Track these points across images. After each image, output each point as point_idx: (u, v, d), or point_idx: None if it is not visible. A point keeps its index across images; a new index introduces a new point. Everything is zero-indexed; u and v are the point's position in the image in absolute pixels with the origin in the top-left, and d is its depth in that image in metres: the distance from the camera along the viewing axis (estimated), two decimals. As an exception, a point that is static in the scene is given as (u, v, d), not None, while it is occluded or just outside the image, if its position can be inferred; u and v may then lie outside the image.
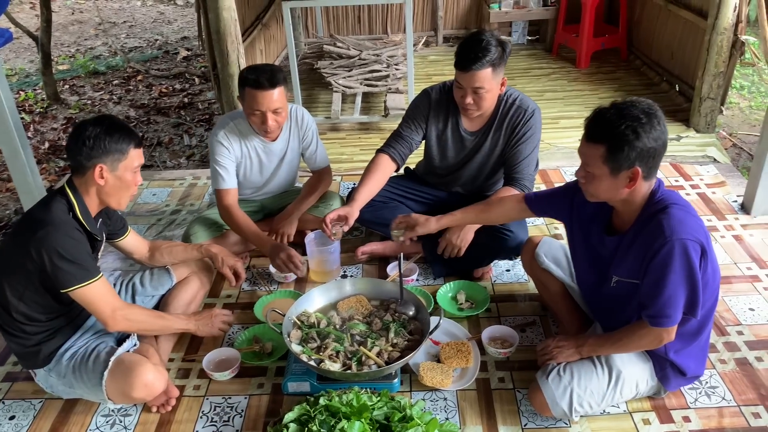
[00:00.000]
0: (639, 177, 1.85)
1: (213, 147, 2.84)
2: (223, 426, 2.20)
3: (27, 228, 2.04)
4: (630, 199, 1.94)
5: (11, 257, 2.07)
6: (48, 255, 1.98)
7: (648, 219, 1.91)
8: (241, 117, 2.86)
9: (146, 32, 8.68)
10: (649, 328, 1.92)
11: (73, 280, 2.02)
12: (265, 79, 2.62)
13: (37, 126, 5.64)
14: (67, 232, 2.03)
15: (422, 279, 2.90)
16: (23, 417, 2.28)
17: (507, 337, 2.46)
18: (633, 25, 5.77)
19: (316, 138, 3.03)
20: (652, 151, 1.82)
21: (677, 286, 1.83)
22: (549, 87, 5.31)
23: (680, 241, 1.81)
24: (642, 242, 1.91)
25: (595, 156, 1.87)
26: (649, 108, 1.83)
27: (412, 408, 2.01)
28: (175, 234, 3.32)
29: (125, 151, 2.11)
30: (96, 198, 2.17)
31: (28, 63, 7.62)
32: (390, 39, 6.12)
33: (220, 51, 3.73)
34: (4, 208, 4.21)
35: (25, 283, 2.06)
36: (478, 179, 2.93)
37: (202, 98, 6.09)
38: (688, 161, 3.88)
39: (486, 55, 2.48)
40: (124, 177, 2.14)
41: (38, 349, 2.16)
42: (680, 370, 2.07)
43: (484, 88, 2.54)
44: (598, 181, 1.91)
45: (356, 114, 4.75)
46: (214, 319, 2.44)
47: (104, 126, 2.09)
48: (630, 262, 1.97)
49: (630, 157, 1.82)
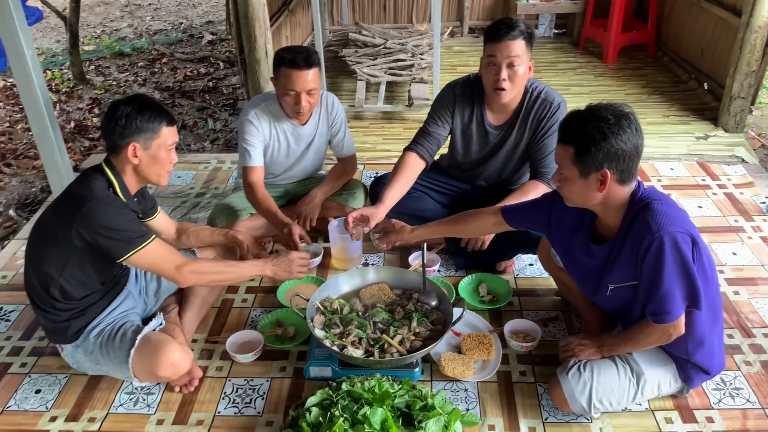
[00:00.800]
0: (609, 179, 1.84)
1: (242, 125, 2.85)
2: (245, 407, 2.22)
3: (70, 206, 2.06)
4: (608, 204, 1.93)
5: (54, 234, 2.09)
6: (96, 230, 2.01)
7: (633, 220, 1.90)
8: (272, 99, 2.86)
9: (171, 15, 8.71)
10: (654, 326, 1.91)
11: (126, 247, 2.06)
12: (302, 58, 2.63)
13: (63, 106, 5.69)
14: (110, 204, 2.05)
15: (444, 270, 2.90)
16: (48, 391, 2.31)
17: (529, 331, 2.45)
18: (662, 21, 5.69)
19: (345, 125, 3.04)
20: (621, 153, 1.80)
21: (673, 280, 1.82)
22: (575, 81, 5.26)
23: (669, 235, 1.79)
24: (631, 244, 1.90)
25: (566, 157, 1.88)
26: (620, 111, 1.83)
27: (434, 397, 2.02)
28: (200, 216, 3.34)
29: (157, 130, 2.13)
30: (133, 176, 2.20)
31: (55, 43, 7.69)
32: (415, 28, 6.10)
33: (247, 35, 3.74)
34: (30, 186, 4.26)
35: (67, 259, 2.08)
36: (503, 173, 2.91)
37: (226, 83, 6.11)
38: (716, 161, 3.83)
39: (518, 26, 2.47)
40: (157, 155, 2.16)
41: (67, 325, 2.19)
42: (704, 370, 2.06)
43: (519, 57, 2.49)
44: (571, 183, 1.92)
45: (380, 103, 4.74)
46: (291, 264, 2.43)
47: (136, 105, 2.11)
48: (623, 267, 1.96)
49: (597, 159, 1.82)
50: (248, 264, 2.39)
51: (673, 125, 4.39)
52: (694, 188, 3.52)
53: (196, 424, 2.16)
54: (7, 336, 2.59)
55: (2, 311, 2.73)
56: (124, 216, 2.08)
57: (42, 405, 2.26)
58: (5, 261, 3.09)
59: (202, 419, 2.18)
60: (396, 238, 2.61)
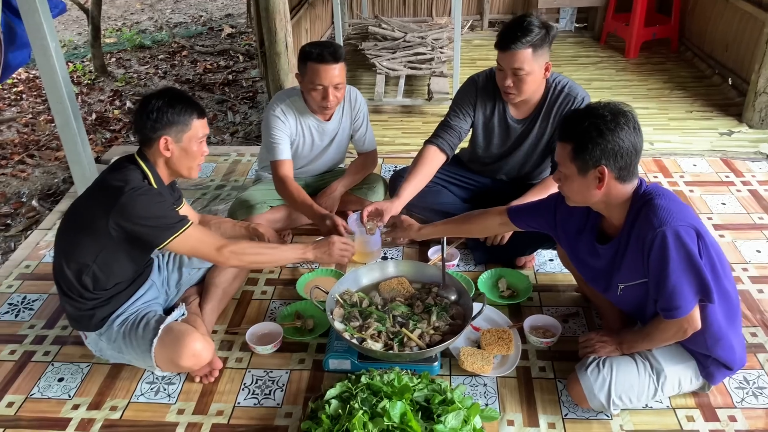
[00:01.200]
0: (607, 177, 1.85)
1: (269, 121, 2.85)
2: (264, 399, 2.23)
3: (107, 197, 2.07)
4: (610, 202, 1.93)
5: (89, 224, 2.11)
6: (135, 220, 2.04)
7: (635, 217, 1.90)
8: (297, 95, 2.87)
9: (191, 8, 8.75)
10: (669, 322, 1.90)
11: (165, 233, 2.08)
12: (329, 53, 2.64)
13: (85, 97, 5.74)
14: (146, 193, 2.08)
15: (463, 265, 2.89)
16: (71, 380, 2.34)
17: (549, 326, 2.44)
18: (686, 15, 5.61)
19: (367, 120, 3.04)
20: (618, 150, 1.81)
21: (679, 275, 1.80)
22: (596, 76, 5.21)
23: (671, 229, 1.79)
24: (635, 241, 1.89)
25: (564, 155, 1.90)
26: (618, 108, 1.84)
27: (453, 392, 2.01)
28: (219, 209, 3.36)
29: (188, 122, 2.16)
30: (165, 168, 2.22)
31: (77, 35, 7.76)
32: (435, 22, 6.07)
33: (268, 29, 3.74)
34: (53, 177, 4.31)
35: (101, 248, 2.12)
36: (524, 167, 2.89)
37: (245, 76, 6.13)
38: (740, 157, 3.78)
39: (526, 35, 2.43)
40: (189, 148, 2.18)
41: (92, 313, 2.22)
42: (725, 365, 2.04)
43: (524, 70, 2.48)
44: (570, 181, 1.94)
45: (399, 97, 4.73)
46: (332, 247, 2.42)
47: (167, 98, 2.13)
48: (630, 265, 1.95)
49: (594, 155, 1.83)
50: (289, 247, 2.42)
51: (696, 121, 4.34)
52: (718, 185, 3.48)
53: (216, 414, 2.18)
54: (30, 324, 2.63)
55: (26, 300, 2.77)
56: (161, 204, 2.10)
57: (65, 393, 2.29)
58: (28, 251, 3.13)
59: (222, 410, 2.20)
60: (403, 234, 2.62)
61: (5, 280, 2.91)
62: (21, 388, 2.31)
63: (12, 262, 3.06)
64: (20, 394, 2.29)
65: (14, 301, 2.77)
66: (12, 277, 2.94)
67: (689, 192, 3.40)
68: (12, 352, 2.49)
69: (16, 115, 5.38)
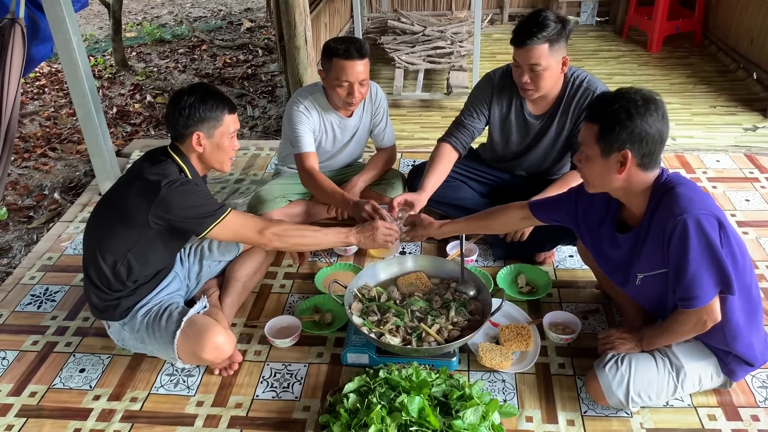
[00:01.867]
0: (629, 161, 1.83)
1: (293, 116, 2.85)
2: (283, 392, 2.24)
3: (146, 190, 2.09)
4: (630, 189, 1.91)
5: (127, 215, 2.13)
6: (176, 213, 2.08)
7: (656, 205, 1.88)
8: (319, 92, 2.87)
9: (211, 2, 8.79)
10: (688, 313, 1.88)
11: (207, 221, 2.12)
12: (355, 49, 2.63)
13: (106, 91, 5.80)
14: (185, 184, 2.11)
15: (482, 260, 2.88)
16: (92, 371, 2.37)
17: (569, 323, 2.42)
18: (710, 9, 5.53)
19: (386, 115, 3.03)
20: (645, 136, 1.80)
21: (699, 264, 1.78)
22: (618, 70, 5.15)
23: (692, 217, 1.77)
24: (656, 229, 1.88)
25: (589, 135, 1.89)
26: (650, 95, 1.83)
27: (472, 387, 2.00)
28: (239, 202, 3.37)
29: (220, 118, 2.18)
30: (198, 163, 2.26)
31: (98, 29, 7.83)
32: (454, 15, 6.04)
33: (287, 22, 3.74)
34: (74, 170, 4.36)
35: (138, 238, 2.15)
36: (543, 163, 2.87)
37: (264, 70, 6.14)
38: (764, 153, 3.71)
39: (542, 31, 2.41)
40: (221, 143, 2.22)
41: (117, 303, 2.24)
42: (747, 362, 2.01)
43: (540, 65, 2.46)
44: (592, 163, 1.91)
45: (418, 91, 4.72)
46: (376, 232, 2.41)
47: (198, 94, 2.15)
48: (649, 254, 1.93)
49: (621, 138, 1.81)
50: (332, 230, 2.40)
51: (720, 116, 4.27)
52: (742, 181, 3.42)
53: (235, 406, 2.19)
54: (53, 316, 2.66)
55: (48, 292, 2.81)
56: (199, 193, 2.14)
57: (86, 384, 2.31)
58: (51, 243, 3.17)
59: (241, 402, 2.21)
60: (423, 233, 2.58)
61: (28, 272, 2.95)
62: (43, 379, 2.35)
63: (35, 254, 3.10)
64: (42, 384, 2.32)
65: (37, 293, 2.81)
66: (35, 268, 2.97)
67: (712, 188, 3.35)
68: (35, 342, 2.52)
69: (39, 109, 5.45)
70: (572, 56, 5.51)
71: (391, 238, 2.44)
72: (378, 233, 2.41)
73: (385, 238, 2.42)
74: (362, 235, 2.41)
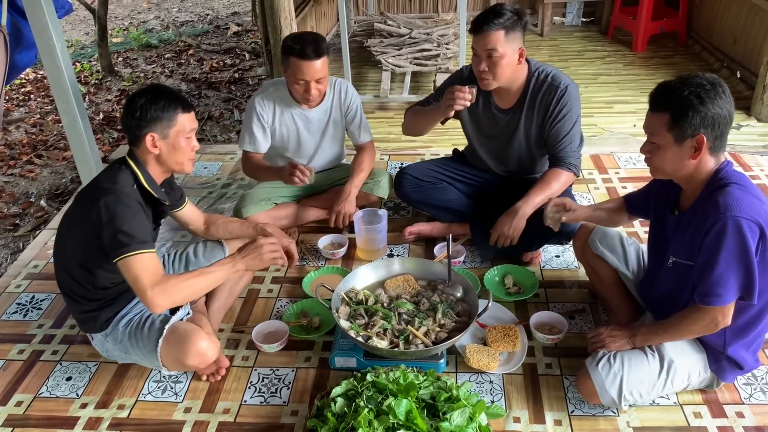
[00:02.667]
0: (704, 146, 1.82)
1: (248, 110, 2.95)
2: (271, 397, 2.24)
3: (93, 197, 2.07)
4: (695, 174, 1.90)
5: (78, 225, 2.12)
6: (105, 224, 2.00)
7: (707, 197, 1.88)
8: (282, 84, 2.91)
9: (197, 7, 8.77)
10: (703, 311, 1.88)
11: (123, 249, 1.97)
12: (311, 50, 2.65)
13: (92, 97, 5.77)
14: (126, 202, 2.04)
15: (469, 261, 2.88)
16: (79, 378, 2.36)
17: (555, 323, 2.43)
18: (694, 9, 5.57)
19: (360, 112, 3.04)
20: (717, 119, 1.80)
21: (729, 264, 1.79)
22: (603, 70, 5.18)
23: (734, 218, 1.77)
24: (699, 220, 1.88)
25: (660, 125, 1.87)
26: (714, 78, 1.83)
27: (459, 389, 2.01)
28: (226, 207, 3.37)
29: (173, 117, 2.12)
30: (157, 166, 2.20)
31: (84, 35, 7.80)
32: (441, 18, 6.06)
33: (273, 26, 3.75)
34: (60, 177, 4.34)
35: (90, 248, 2.10)
36: (522, 161, 2.88)
37: (252, 74, 6.14)
38: (749, 151, 3.75)
39: (498, 18, 2.46)
40: (176, 143, 2.15)
41: (96, 315, 2.23)
42: (737, 364, 2.02)
43: (497, 51, 2.49)
44: (663, 151, 1.90)
45: (405, 93, 4.73)
46: (261, 251, 2.18)
47: (149, 95, 2.11)
48: (687, 241, 1.94)
49: (694, 123, 1.81)
50: (218, 266, 2.16)
51: (705, 115, 4.30)
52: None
53: (223, 412, 2.19)
54: (39, 324, 2.64)
55: (34, 300, 2.79)
56: (136, 218, 2.03)
57: (73, 392, 2.30)
58: (37, 250, 3.15)
59: (229, 408, 2.20)
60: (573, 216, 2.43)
61: (14, 280, 2.93)
62: (29, 388, 2.33)
63: (20, 262, 3.08)
64: (29, 393, 2.30)
65: (23, 301, 2.79)
66: (20, 276, 2.96)
67: (697, 187, 3.37)
68: (20, 351, 2.50)
69: (25, 116, 5.42)
70: (558, 56, 5.57)
71: (277, 254, 2.22)
72: (263, 251, 2.18)
73: (271, 255, 2.20)
74: (248, 258, 2.17)
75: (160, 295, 1.98)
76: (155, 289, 1.98)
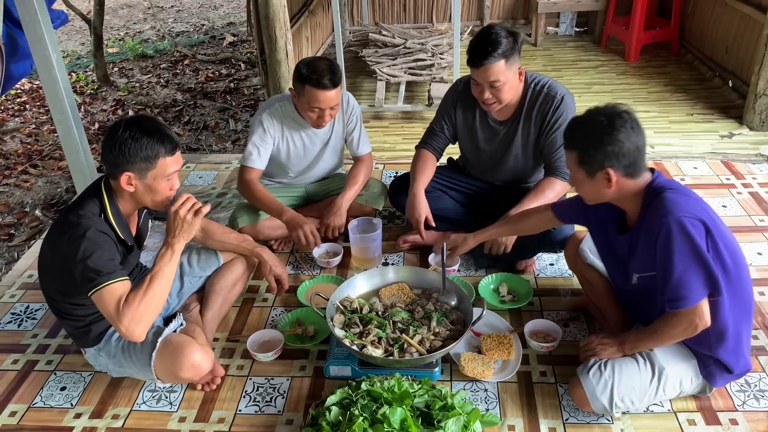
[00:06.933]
0: (614, 177, 1.91)
1: (253, 125, 2.90)
2: (266, 406, 2.23)
3: (59, 230, 2.04)
4: (624, 197, 1.99)
5: (50, 258, 2.12)
6: (71, 259, 1.95)
7: (647, 210, 1.95)
8: (287, 99, 2.88)
9: (193, 17, 8.80)
10: (678, 315, 1.90)
11: (91, 283, 1.94)
12: (328, 80, 2.63)
13: (88, 107, 5.78)
14: (89, 236, 1.96)
15: (464, 270, 2.89)
16: (74, 388, 2.35)
17: (550, 331, 2.44)
18: (686, 18, 5.62)
19: (360, 123, 3.05)
20: (621, 151, 1.87)
21: (685, 264, 1.82)
22: (597, 80, 5.21)
23: (675, 219, 1.82)
24: (646, 233, 1.94)
25: (572, 162, 2.00)
26: (614, 111, 1.91)
27: (453, 397, 2.02)
28: (221, 216, 3.37)
29: (153, 160, 1.98)
30: (130, 200, 2.10)
31: (80, 45, 7.81)
32: (435, 28, 6.08)
33: (268, 37, 3.76)
34: (56, 186, 4.33)
35: (66, 282, 2.06)
36: (517, 171, 2.90)
37: (247, 84, 6.16)
38: (741, 159, 3.77)
39: (497, 48, 2.45)
40: (154, 185, 2.03)
41: (88, 329, 2.21)
42: (726, 368, 2.03)
43: (500, 81, 2.51)
44: (581, 184, 2.02)
45: (400, 103, 4.75)
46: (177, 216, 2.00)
47: (132, 130, 1.96)
48: (642, 256, 1.99)
49: (598, 159, 1.90)
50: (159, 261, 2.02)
51: (697, 123, 4.33)
52: (719, 187, 3.48)
53: (218, 421, 2.18)
54: (33, 334, 2.64)
55: (29, 309, 2.79)
56: (99, 250, 1.96)
57: (67, 402, 2.30)
58: (31, 260, 3.15)
59: (224, 417, 2.20)
60: (464, 250, 2.63)
61: (8, 290, 2.93)
62: (24, 398, 2.33)
63: (15, 272, 3.08)
64: (23, 404, 2.30)
65: (17, 311, 2.79)
66: (15, 286, 2.96)
67: (690, 195, 3.39)
68: (15, 361, 2.50)
69: (20, 126, 5.42)
70: (552, 66, 5.60)
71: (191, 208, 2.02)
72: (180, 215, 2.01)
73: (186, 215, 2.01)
74: (176, 232, 2.02)
75: (132, 324, 1.93)
76: (125, 319, 1.92)
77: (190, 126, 5.30)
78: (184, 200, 2.02)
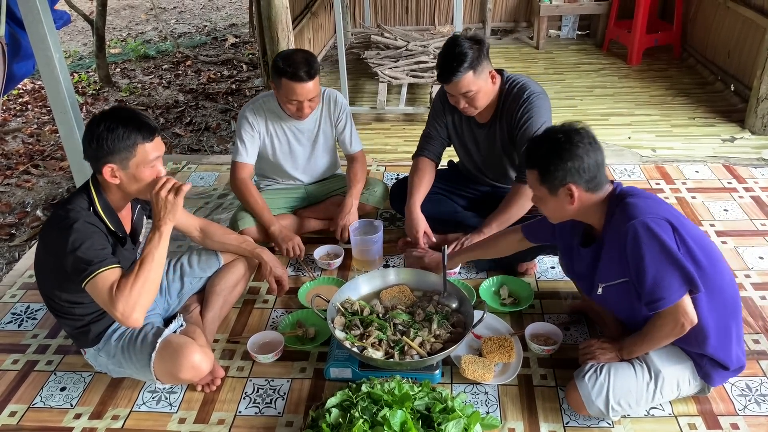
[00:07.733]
0: (576, 192, 1.94)
1: (239, 122, 2.94)
2: (266, 408, 2.23)
3: (49, 226, 2.05)
4: (587, 212, 2.02)
5: (43, 254, 2.12)
6: (61, 253, 1.96)
7: (611, 219, 1.97)
8: (271, 96, 2.92)
9: (195, 18, 8.81)
10: (662, 316, 1.91)
11: (84, 273, 1.94)
12: (304, 72, 2.65)
13: (90, 108, 5.79)
14: (76, 228, 1.96)
15: (465, 272, 2.89)
16: (74, 389, 2.35)
17: (551, 334, 2.43)
18: (688, 22, 5.62)
19: (350, 121, 3.06)
20: (581, 167, 1.91)
21: (657, 265, 1.84)
22: (598, 83, 5.22)
23: (640, 222, 1.85)
24: (612, 240, 1.96)
25: (534, 180, 2.03)
26: (571, 128, 1.95)
27: (454, 400, 2.01)
28: (222, 217, 3.37)
29: (132, 148, 1.98)
30: (119, 192, 2.10)
31: (82, 46, 7.82)
32: (437, 30, 6.10)
33: (270, 38, 3.77)
34: (57, 186, 4.34)
35: (62, 278, 2.06)
36: (508, 171, 2.91)
37: (249, 85, 6.16)
38: (742, 163, 3.77)
39: (463, 62, 2.47)
40: (137, 174, 2.02)
41: (87, 329, 2.21)
42: (722, 365, 2.03)
43: (472, 91, 2.55)
44: (544, 202, 2.05)
45: (401, 105, 4.75)
46: (159, 196, 2.02)
47: (107, 123, 1.96)
48: (609, 265, 2.01)
49: (558, 176, 1.93)
50: (149, 245, 2.04)
51: (699, 127, 4.33)
52: (720, 191, 3.47)
53: (218, 423, 2.18)
54: (33, 334, 2.64)
55: (29, 310, 2.79)
56: (88, 240, 1.97)
57: (67, 402, 2.29)
58: (32, 260, 3.12)
59: (224, 418, 2.20)
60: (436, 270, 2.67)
61: (9, 290, 2.93)
62: (23, 398, 2.32)
63: (16, 272, 3.08)
64: (23, 404, 2.30)
65: (17, 311, 2.78)
66: (15, 286, 2.95)
67: (691, 199, 3.40)
68: (15, 361, 2.50)
69: (22, 126, 5.43)
70: (553, 69, 5.60)
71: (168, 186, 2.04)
72: (161, 194, 2.02)
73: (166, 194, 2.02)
74: (162, 213, 2.03)
75: (126, 309, 1.94)
76: (119, 305, 1.93)
77: (191, 127, 5.30)
78: (163, 182, 2.04)
